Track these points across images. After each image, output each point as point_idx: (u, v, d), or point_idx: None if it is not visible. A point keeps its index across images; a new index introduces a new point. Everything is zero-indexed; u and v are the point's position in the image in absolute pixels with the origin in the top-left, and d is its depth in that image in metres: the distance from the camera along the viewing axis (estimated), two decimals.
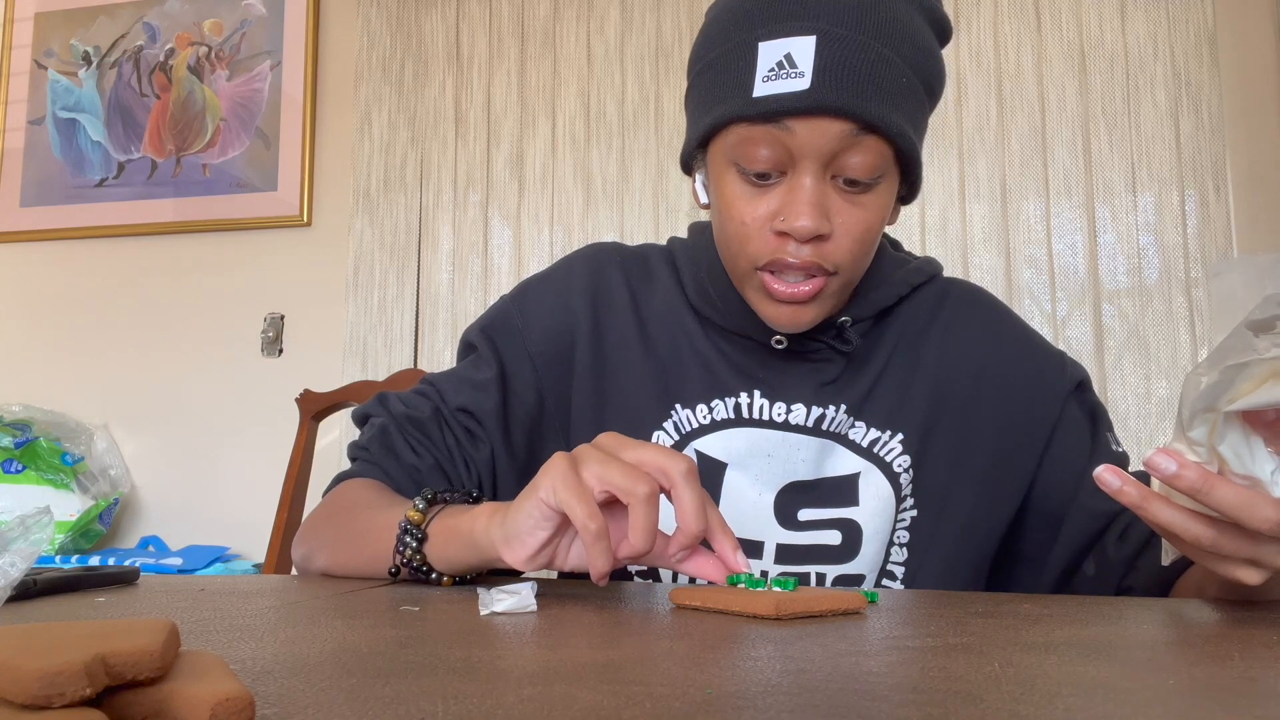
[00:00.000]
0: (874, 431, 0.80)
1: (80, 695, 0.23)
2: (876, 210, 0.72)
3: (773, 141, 0.69)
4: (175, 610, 0.54)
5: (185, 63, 2.43)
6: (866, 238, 0.72)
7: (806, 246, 0.70)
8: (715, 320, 0.82)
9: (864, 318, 0.80)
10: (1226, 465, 0.52)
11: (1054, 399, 0.81)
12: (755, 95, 0.68)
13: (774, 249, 0.71)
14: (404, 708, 0.30)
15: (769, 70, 0.68)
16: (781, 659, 0.39)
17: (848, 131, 0.68)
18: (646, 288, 0.86)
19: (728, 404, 0.81)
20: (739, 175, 0.72)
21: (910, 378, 0.81)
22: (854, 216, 0.70)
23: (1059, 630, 0.48)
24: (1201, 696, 0.32)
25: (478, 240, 2.21)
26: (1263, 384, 0.50)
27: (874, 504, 0.78)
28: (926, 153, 0.85)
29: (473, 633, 0.45)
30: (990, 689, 0.33)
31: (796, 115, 0.67)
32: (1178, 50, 1.93)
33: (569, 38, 2.22)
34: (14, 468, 2.10)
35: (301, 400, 1.87)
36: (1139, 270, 1.91)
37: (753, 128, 0.69)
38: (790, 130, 0.68)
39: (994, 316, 0.86)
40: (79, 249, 2.44)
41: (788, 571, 0.77)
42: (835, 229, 0.70)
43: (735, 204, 0.72)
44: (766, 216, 0.71)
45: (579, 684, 0.33)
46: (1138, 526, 0.75)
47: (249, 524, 2.16)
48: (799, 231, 0.69)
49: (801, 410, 0.79)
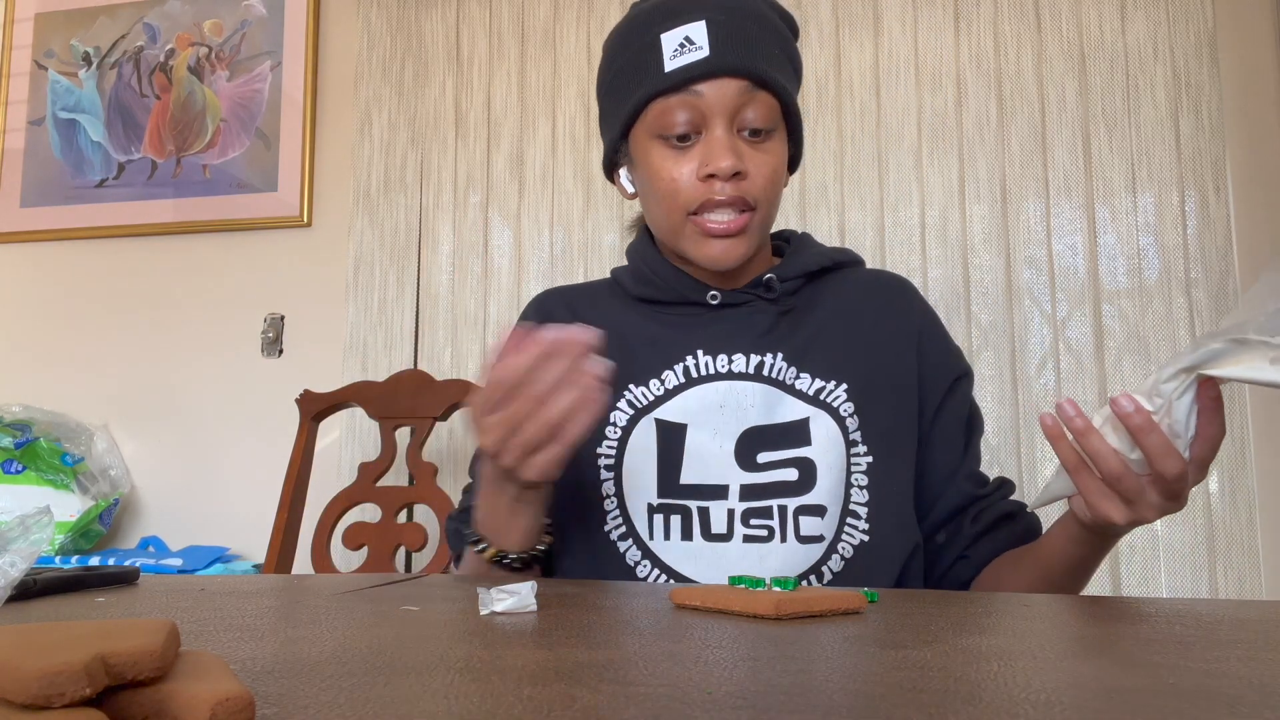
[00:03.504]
0: (819, 381, 0.90)
1: (80, 695, 0.23)
2: (778, 155, 0.88)
3: (687, 107, 0.85)
4: (175, 610, 0.54)
5: (185, 63, 2.43)
6: (775, 177, 0.88)
7: (729, 184, 0.85)
8: (655, 297, 0.95)
9: (789, 277, 0.93)
10: (1172, 423, 0.65)
11: (948, 375, 0.95)
12: (667, 71, 0.85)
13: (703, 193, 0.85)
14: (404, 708, 0.30)
15: (673, 51, 0.85)
16: (781, 659, 0.39)
17: (744, 88, 0.85)
18: (588, 306, 0.99)
19: (677, 371, 0.91)
20: (662, 144, 0.87)
21: (851, 338, 0.93)
22: (761, 159, 0.86)
23: (1059, 630, 0.48)
24: (1202, 696, 0.32)
25: (478, 241, 2.21)
26: (1252, 364, 0.60)
27: (825, 443, 0.88)
28: (927, 153, 1.01)
29: (473, 633, 0.45)
30: (990, 689, 0.33)
31: (702, 79, 0.84)
32: (1178, 50, 1.93)
33: (569, 38, 2.22)
34: (14, 468, 2.10)
35: (301, 400, 1.87)
36: (1139, 271, 1.91)
37: (668, 99, 0.85)
38: (699, 94, 0.85)
39: (916, 302, 0.99)
40: (79, 249, 2.44)
41: (752, 507, 0.86)
42: (749, 170, 0.85)
43: (664, 167, 0.87)
44: (691, 170, 0.86)
45: (579, 684, 0.33)
46: (988, 511, 0.91)
47: (249, 524, 2.16)
48: (723, 170, 0.84)
49: (741, 359, 0.91)
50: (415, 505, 1.88)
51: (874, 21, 2.06)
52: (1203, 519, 1.81)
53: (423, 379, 1.84)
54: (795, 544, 0.85)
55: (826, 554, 0.85)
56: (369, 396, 1.84)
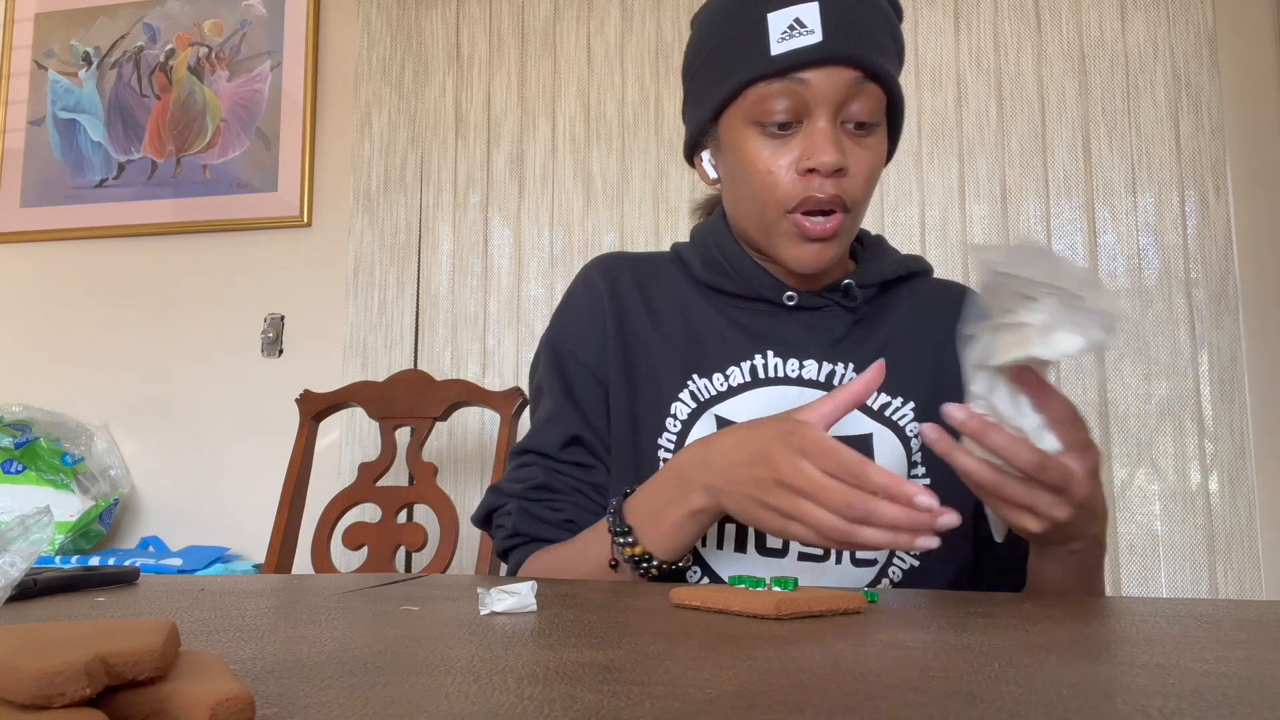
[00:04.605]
0: (884, 396, 0.86)
1: (80, 695, 0.23)
2: (879, 152, 0.83)
3: (790, 94, 0.78)
4: (175, 610, 0.54)
5: (185, 63, 2.43)
6: (873, 175, 0.82)
7: (829, 181, 0.79)
8: (727, 289, 0.89)
9: (866, 284, 0.89)
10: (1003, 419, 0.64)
11: None
12: (773, 54, 0.78)
13: (802, 188, 0.79)
14: (404, 708, 0.30)
15: (782, 33, 0.79)
16: (781, 659, 0.39)
17: (854, 79, 0.78)
18: (653, 281, 0.93)
19: (743, 368, 0.87)
20: (759, 131, 0.81)
21: (919, 353, 0.88)
22: (863, 156, 0.81)
23: (1059, 630, 0.48)
24: (1202, 696, 0.32)
25: (478, 241, 2.21)
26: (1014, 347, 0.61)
27: (886, 461, 0.83)
28: (927, 153, 0.96)
29: (473, 633, 0.45)
30: (990, 689, 0.33)
31: (811, 66, 0.78)
32: (1178, 51, 1.93)
33: (569, 38, 2.22)
34: (14, 468, 2.10)
35: (301, 401, 1.87)
36: (1139, 271, 1.91)
37: (770, 84, 0.79)
38: (805, 82, 0.78)
39: None
40: (79, 249, 2.44)
41: None
42: (850, 166, 0.79)
43: (760, 156, 0.81)
44: (790, 162, 0.80)
45: (579, 684, 0.33)
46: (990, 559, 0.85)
47: (249, 524, 2.16)
48: (825, 166, 0.78)
49: (813, 365, 0.86)
50: (415, 505, 1.88)
51: None
52: (1203, 519, 1.81)
53: (423, 379, 1.84)
54: (850, 566, 0.82)
55: (877, 578, 0.83)
56: (369, 396, 1.84)
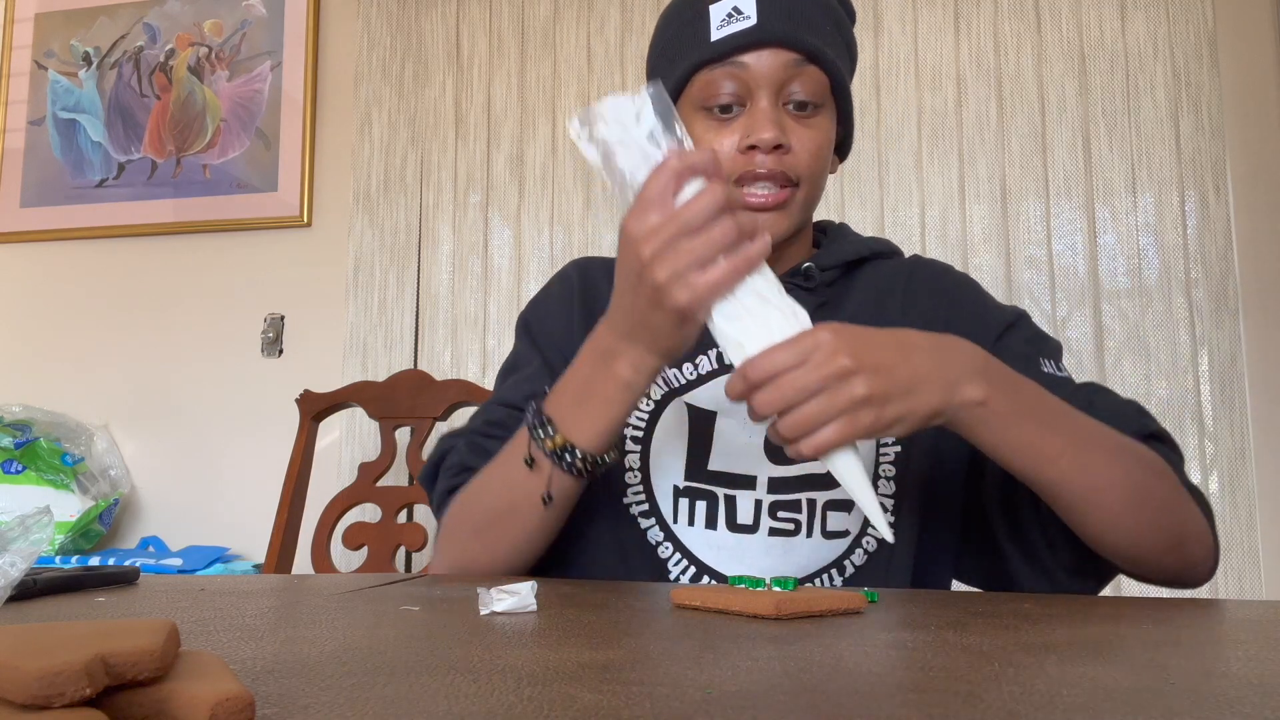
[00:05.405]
0: None
1: (80, 695, 0.23)
2: (824, 130, 0.86)
3: (731, 77, 0.83)
4: (175, 610, 0.54)
5: (185, 63, 2.43)
6: (819, 153, 0.85)
7: (770, 157, 0.82)
8: None
9: (827, 267, 0.90)
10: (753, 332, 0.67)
11: (990, 333, 0.88)
12: (712, 40, 0.83)
13: (744, 164, 0.83)
14: (404, 708, 0.30)
15: (720, 21, 0.84)
16: (781, 659, 0.39)
17: (792, 60, 0.83)
18: None
19: (710, 356, 0.89)
20: (705, 115, 0.85)
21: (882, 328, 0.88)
22: (807, 134, 0.84)
23: (1059, 630, 0.48)
24: (1202, 696, 0.32)
25: (478, 241, 2.21)
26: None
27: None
28: (927, 153, 0.95)
29: (473, 633, 0.45)
30: (990, 689, 0.33)
31: (748, 49, 0.82)
32: (1178, 50, 1.93)
33: (569, 38, 2.22)
34: (14, 468, 2.10)
35: (301, 401, 1.87)
36: (1139, 271, 1.91)
37: (713, 70, 0.84)
38: (744, 65, 0.83)
39: (950, 280, 0.95)
40: (79, 249, 2.44)
41: (780, 499, 0.84)
42: (793, 144, 0.83)
43: (705, 138, 0.85)
44: (733, 142, 0.83)
45: (579, 684, 0.33)
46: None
47: (249, 524, 2.16)
48: (764, 142, 0.81)
49: None
50: (415, 505, 1.88)
51: (874, 21, 2.06)
52: None
53: (423, 379, 1.84)
54: (820, 539, 0.84)
55: (850, 549, 0.84)
56: (369, 396, 1.84)
